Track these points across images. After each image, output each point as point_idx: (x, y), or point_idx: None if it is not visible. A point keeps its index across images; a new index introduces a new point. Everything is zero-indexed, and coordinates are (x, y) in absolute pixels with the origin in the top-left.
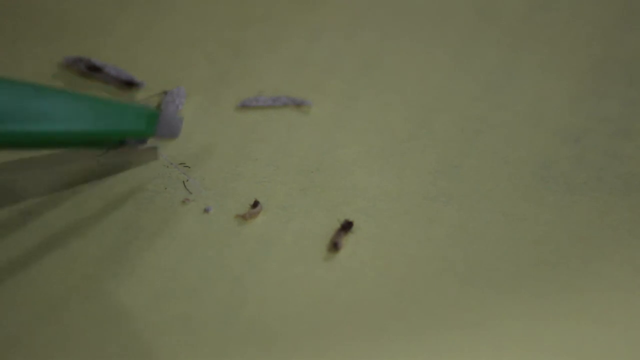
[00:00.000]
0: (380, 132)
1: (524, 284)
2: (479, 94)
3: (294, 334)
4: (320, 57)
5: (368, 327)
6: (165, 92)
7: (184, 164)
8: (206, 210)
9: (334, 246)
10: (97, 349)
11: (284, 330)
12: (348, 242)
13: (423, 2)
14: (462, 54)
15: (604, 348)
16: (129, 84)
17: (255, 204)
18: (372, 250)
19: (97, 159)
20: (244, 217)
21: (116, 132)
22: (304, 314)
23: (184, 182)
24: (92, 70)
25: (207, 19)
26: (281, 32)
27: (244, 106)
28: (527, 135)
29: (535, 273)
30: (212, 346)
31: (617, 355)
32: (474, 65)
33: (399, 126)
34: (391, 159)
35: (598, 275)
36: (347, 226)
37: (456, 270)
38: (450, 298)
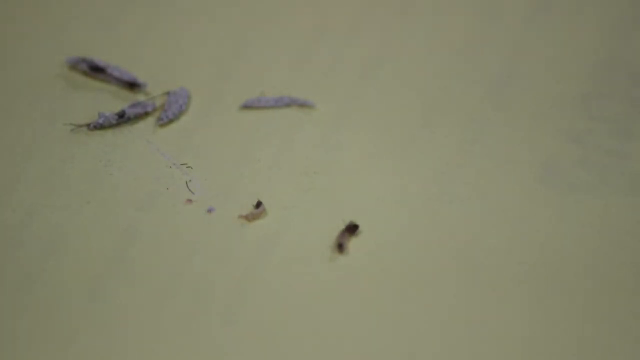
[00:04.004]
0: (383, 133)
1: (526, 285)
2: (482, 94)
3: (297, 335)
4: (323, 57)
5: (370, 327)
6: (168, 93)
7: (187, 164)
8: (209, 211)
9: (339, 247)
10: (98, 349)
11: (287, 331)
12: (351, 242)
13: (424, 4)
14: (464, 54)
15: (606, 349)
16: (132, 85)
17: (258, 205)
18: (374, 251)
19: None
20: (246, 218)
21: None
22: (307, 314)
23: (186, 182)
24: (95, 70)
25: (210, 19)
26: (283, 32)
27: (247, 107)
28: (529, 136)
29: (537, 273)
30: (214, 347)
31: (618, 354)
32: (476, 66)
33: (402, 126)
34: (394, 159)
35: (600, 276)
36: (352, 228)
37: (459, 270)
38: (452, 298)
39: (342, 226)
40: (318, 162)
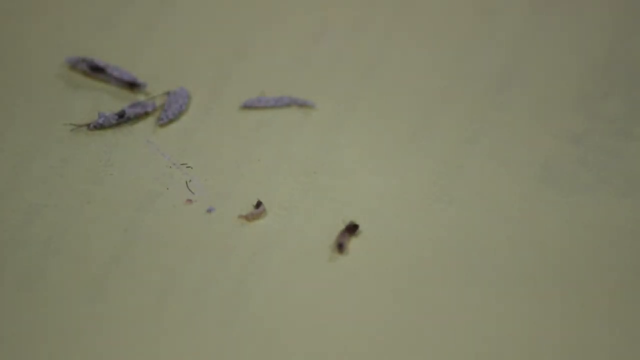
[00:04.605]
0: (383, 133)
1: (526, 285)
2: (482, 95)
3: (297, 335)
4: (323, 57)
5: (370, 327)
6: (168, 93)
7: (187, 164)
8: (209, 211)
9: (339, 247)
10: (98, 349)
11: (287, 331)
12: (351, 242)
13: (424, 3)
14: (464, 55)
15: (606, 349)
16: (132, 85)
17: (258, 205)
18: (374, 251)
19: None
20: (246, 218)
21: None
22: (307, 314)
23: (186, 182)
24: (95, 70)
25: (210, 19)
26: (283, 32)
27: (247, 107)
28: (529, 136)
29: (538, 274)
30: (214, 347)
31: (618, 354)
32: (476, 66)
33: (402, 127)
34: (393, 159)
35: (600, 276)
36: (352, 228)
37: (458, 270)
38: (452, 299)
39: (342, 226)
40: (318, 162)
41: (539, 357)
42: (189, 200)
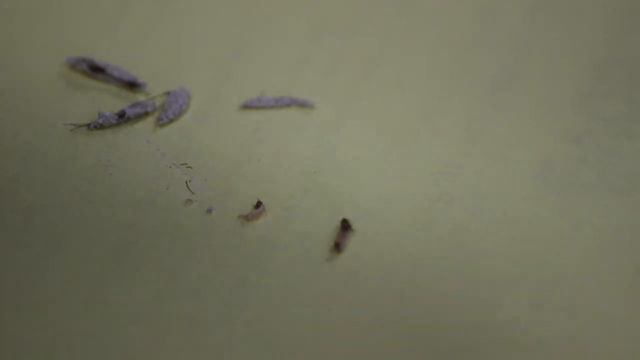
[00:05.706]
0: (383, 133)
1: (525, 285)
2: (481, 95)
3: (297, 335)
4: (323, 57)
5: (370, 328)
6: (168, 93)
7: (187, 164)
8: (209, 211)
9: (337, 247)
10: (98, 349)
11: (286, 331)
12: (350, 242)
13: (424, 4)
14: (464, 55)
15: (606, 349)
16: (132, 85)
17: (258, 205)
18: (374, 251)
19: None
20: (246, 218)
21: None
22: (306, 314)
23: (186, 182)
24: (95, 70)
25: (210, 19)
26: (283, 32)
27: (247, 107)
28: (529, 136)
29: (537, 274)
30: (213, 347)
31: (619, 354)
32: (476, 66)
33: (402, 127)
34: (393, 159)
35: (600, 276)
36: (345, 225)
37: (458, 271)
38: (452, 299)
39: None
40: (318, 162)
41: (538, 357)
42: (189, 200)
